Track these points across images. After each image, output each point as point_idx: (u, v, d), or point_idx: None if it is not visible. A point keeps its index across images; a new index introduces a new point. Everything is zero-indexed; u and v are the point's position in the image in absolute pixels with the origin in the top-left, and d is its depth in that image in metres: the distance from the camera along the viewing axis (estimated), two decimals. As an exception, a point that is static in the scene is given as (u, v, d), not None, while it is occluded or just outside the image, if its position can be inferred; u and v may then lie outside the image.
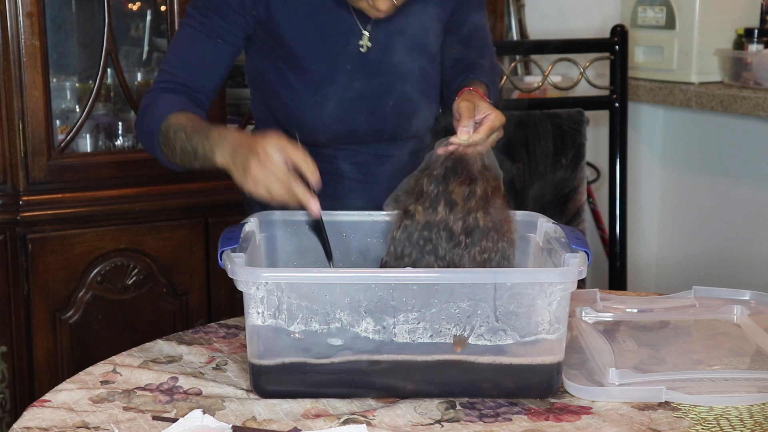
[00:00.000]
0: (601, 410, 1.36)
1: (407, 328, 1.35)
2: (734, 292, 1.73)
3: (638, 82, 3.10)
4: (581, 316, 1.65)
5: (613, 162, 2.78)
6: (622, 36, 2.74)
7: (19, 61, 2.38)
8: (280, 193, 1.45)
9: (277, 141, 1.46)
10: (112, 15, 2.49)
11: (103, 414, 1.34)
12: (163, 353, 1.56)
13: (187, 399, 1.39)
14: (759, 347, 1.55)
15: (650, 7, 3.08)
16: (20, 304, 2.44)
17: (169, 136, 1.63)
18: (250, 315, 1.35)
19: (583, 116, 2.61)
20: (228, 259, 1.37)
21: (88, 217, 2.48)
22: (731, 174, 3.06)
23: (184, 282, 2.59)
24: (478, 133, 1.54)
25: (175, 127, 1.63)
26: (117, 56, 2.53)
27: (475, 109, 1.58)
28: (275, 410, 1.35)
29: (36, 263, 2.43)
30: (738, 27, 3.00)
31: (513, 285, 1.34)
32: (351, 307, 1.35)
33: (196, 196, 2.57)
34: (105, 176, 2.51)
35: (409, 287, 1.34)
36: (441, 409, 1.36)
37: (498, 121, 1.58)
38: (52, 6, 2.64)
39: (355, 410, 1.35)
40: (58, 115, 2.62)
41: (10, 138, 2.41)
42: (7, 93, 2.39)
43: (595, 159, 3.05)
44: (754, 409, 1.36)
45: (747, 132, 2.99)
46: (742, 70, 2.91)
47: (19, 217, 2.42)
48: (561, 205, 2.55)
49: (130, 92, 2.59)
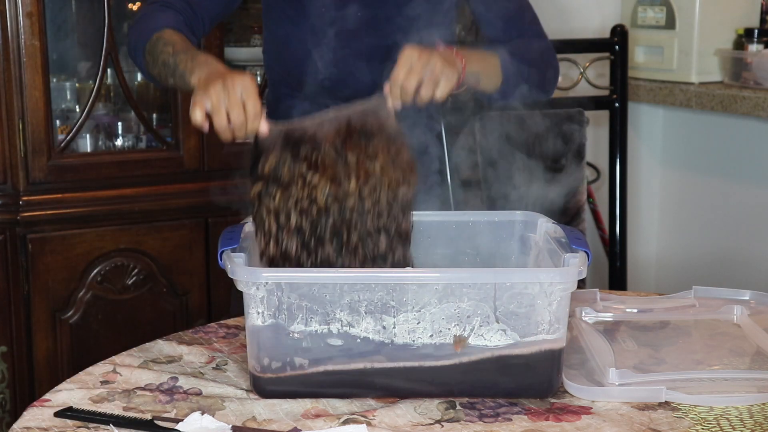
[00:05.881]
0: (601, 410, 1.36)
1: (407, 328, 1.35)
2: (734, 292, 1.73)
3: (638, 82, 3.10)
4: (581, 316, 1.65)
5: (613, 162, 2.78)
6: (622, 36, 2.74)
7: (19, 61, 2.39)
8: (230, 105, 1.45)
9: (248, 80, 1.47)
10: (112, 15, 2.49)
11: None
12: (163, 353, 1.56)
13: (187, 399, 1.39)
14: (759, 347, 1.55)
15: (650, 7, 3.08)
16: (20, 304, 2.44)
17: (157, 46, 1.68)
18: (250, 315, 1.35)
19: (583, 116, 2.61)
20: (228, 259, 1.37)
21: (88, 217, 2.48)
22: (731, 174, 3.06)
23: (184, 282, 2.59)
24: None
25: (165, 40, 1.68)
26: (117, 56, 2.53)
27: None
28: (275, 410, 1.35)
29: (36, 263, 2.43)
30: (738, 27, 3.01)
31: (513, 285, 1.35)
32: (351, 307, 1.35)
33: (196, 196, 2.57)
34: (105, 176, 2.51)
35: (409, 287, 1.34)
36: (441, 409, 1.36)
37: (406, 55, 1.52)
38: (52, 6, 2.64)
39: (355, 410, 1.35)
40: (58, 115, 2.62)
41: (10, 138, 2.41)
42: (7, 93, 2.40)
43: (595, 159, 3.05)
44: (754, 409, 1.36)
45: (747, 132, 2.99)
46: (742, 70, 2.91)
47: (19, 217, 2.42)
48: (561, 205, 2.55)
49: (130, 92, 2.59)
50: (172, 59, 1.64)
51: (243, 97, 1.46)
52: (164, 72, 1.66)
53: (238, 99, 1.46)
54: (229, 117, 1.46)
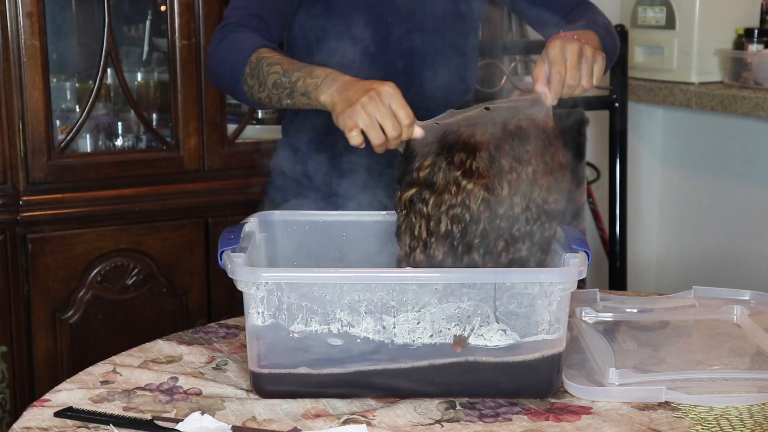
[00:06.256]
0: (601, 410, 1.36)
1: (407, 328, 1.35)
2: (734, 292, 1.73)
3: (638, 82, 3.10)
4: (581, 316, 1.65)
5: (613, 162, 2.78)
6: (622, 36, 2.74)
7: (19, 61, 2.39)
8: (382, 118, 1.41)
9: (391, 88, 1.43)
10: (112, 15, 2.49)
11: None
12: (163, 353, 1.56)
13: (187, 399, 1.39)
14: (759, 347, 1.55)
15: (650, 7, 3.08)
16: (20, 304, 2.44)
17: (261, 68, 1.58)
18: (250, 315, 1.35)
19: (583, 116, 2.62)
20: (228, 259, 1.37)
21: (88, 217, 2.48)
22: (731, 174, 3.06)
23: (184, 282, 2.59)
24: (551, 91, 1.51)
25: (269, 61, 1.58)
26: (117, 56, 2.53)
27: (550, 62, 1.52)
28: (275, 410, 1.35)
29: (36, 263, 2.43)
30: (738, 27, 3.01)
31: (513, 285, 1.35)
32: (351, 307, 1.35)
33: (196, 196, 2.57)
34: (105, 176, 2.51)
35: (409, 287, 1.34)
36: (441, 409, 1.36)
37: (558, 49, 1.50)
38: (52, 6, 2.64)
39: (355, 410, 1.35)
40: (58, 115, 2.62)
41: (10, 138, 2.41)
42: (7, 93, 2.40)
43: (595, 159, 3.05)
44: (754, 409, 1.36)
45: (747, 132, 2.99)
46: (742, 70, 2.91)
47: (19, 217, 2.42)
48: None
49: (130, 92, 2.59)
50: (286, 79, 1.55)
51: (393, 107, 1.42)
52: (277, 94, 1.57)
53: (389, 110, 1.41)
54: (385, 131, 1.42)
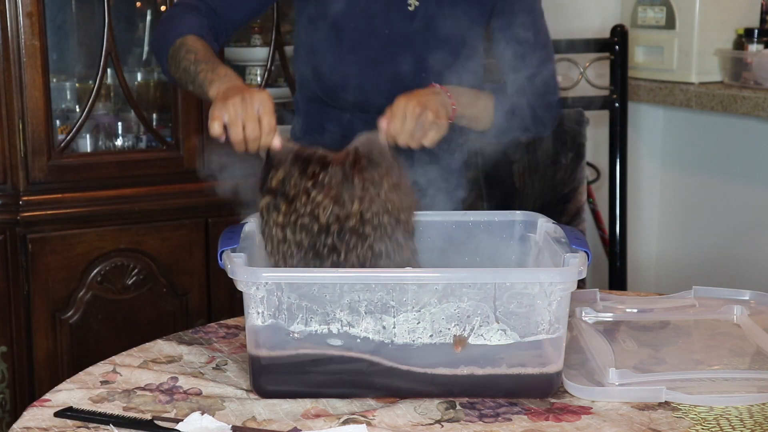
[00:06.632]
0: (601, 410, 1.36)
1: (407, 328, 1.35)
2: (734, 292, 1.73)
3: (638, 82, 3.10)
4: (581, 316, 1.65)
5: (613, 162, 2.78)
6: (622, 36, 2.74)
7: (19, 61, 2.39)
8: (246, 119, 1.50)
9: (265, 97, 1.53)
10: (112, 15, 2.49)
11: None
12: (163, 353, 1.56)
13: (187, 399, 1.39)
14: (759, 347, 1.55)
15: (650, 7, 3.08)
16: (20, 304, 2.44)
17: (179, 52, 1.73)
18: (250, 315, 1.35)
19: (583, 116, 2.61)
20: (228, 259, 1.38)
21: (88, 217, 2.48)
22: (731, 174, 3.06)
23: (184, 282, 2.59)
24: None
25: (187, 47, 1.72)
26: (117, 56, 2.53)
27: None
28: (275, 410, 1.35)
29: (36, 263, 2.43)
30: (738, 27, 3.00)
31: (513, 285, 1.35)
32: (351, 307, 1.35)
33: (196, 196, 2.56)
34: (105, 176, 2.51)
35: (409, 287, 1.34)
36: (441, 409, 1.36)
37: (400, 106, 1.57)
38: (52, 6, 2.64)
39: (355, 410, 1.35)
40: (58, 115, 2.62)
41: (10, 138, 2.41)
42: (7, 93, 2.40)
43: (595, 159, 3.05)
44: (754, 409, 1.36)
45: (747, 132, 2.99)
46: (742, 70, 2.91)
47: (19, 217, 2.42)
48: (561, 205, 2.55)
49: (130, 92, 2.58)
50: (193, 67, 1.68)
51: (259, 112, 1.51)
52: (185, 78, 1.71)
53: (255, 114, 1.50)
54: (245, 130, 1.50)
